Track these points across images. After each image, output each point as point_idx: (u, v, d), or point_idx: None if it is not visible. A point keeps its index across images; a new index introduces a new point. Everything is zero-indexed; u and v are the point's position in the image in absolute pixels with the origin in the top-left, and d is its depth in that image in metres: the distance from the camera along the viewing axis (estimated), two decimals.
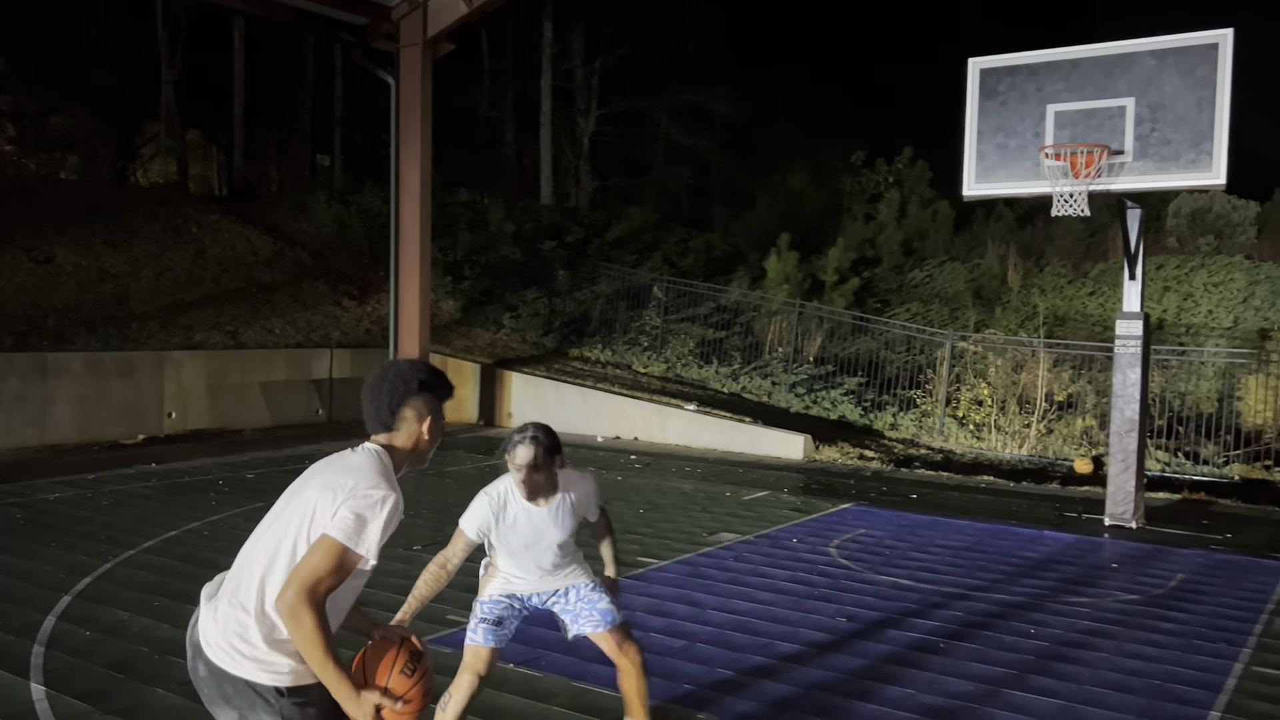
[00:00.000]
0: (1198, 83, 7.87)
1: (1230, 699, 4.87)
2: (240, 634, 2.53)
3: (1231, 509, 10.09)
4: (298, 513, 2.59)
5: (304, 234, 19.81)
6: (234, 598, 2.57)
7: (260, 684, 2.51)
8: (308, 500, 2.59)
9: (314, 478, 2.68)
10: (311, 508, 2.56)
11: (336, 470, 2.64)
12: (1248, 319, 14.52)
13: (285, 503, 2.71)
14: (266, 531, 2.66)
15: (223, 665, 2.53)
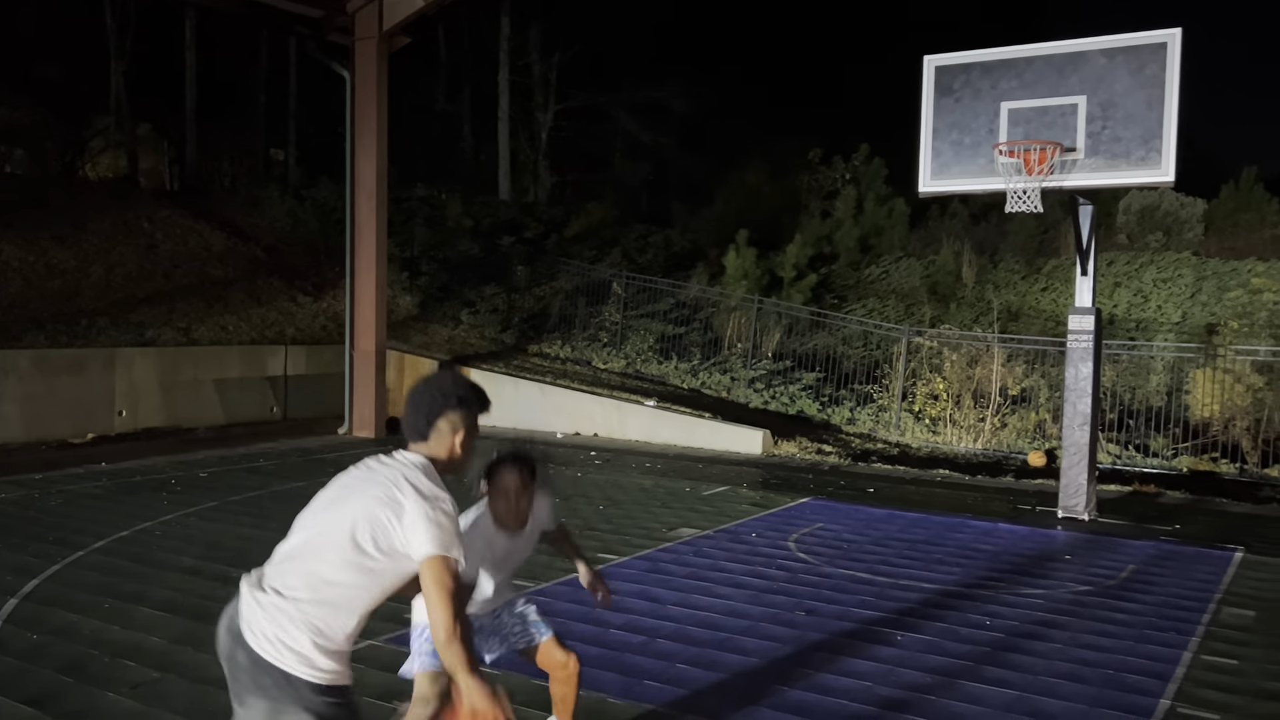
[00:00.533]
0: (1147, 81, 8.01)
1: (1180, 687, 4.97)
2: (286, 629, 2.56)
3: (1180, 500, 10.30)
4: (353, 519, 2.63)
5: (258, 229, 19.54)
6: (283, 594, 2.60)
7: (300, 678, 2.54)
8: (367, 511, 2.63)
9: (367, 488, 2.70)
10: (376, 519, 2.61)
11: (394, 483, 2.67)
12: (1195, 314, 14.82)
13: (331, 505, 2.73)
14: (312, 530, 2.70)
15: (266, 656, 2.55)
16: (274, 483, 10.03)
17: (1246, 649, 5.58)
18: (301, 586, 2.60)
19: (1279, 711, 4.68)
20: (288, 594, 2.60)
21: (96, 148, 22.54)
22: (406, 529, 2.59)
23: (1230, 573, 7.32)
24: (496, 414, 13.32)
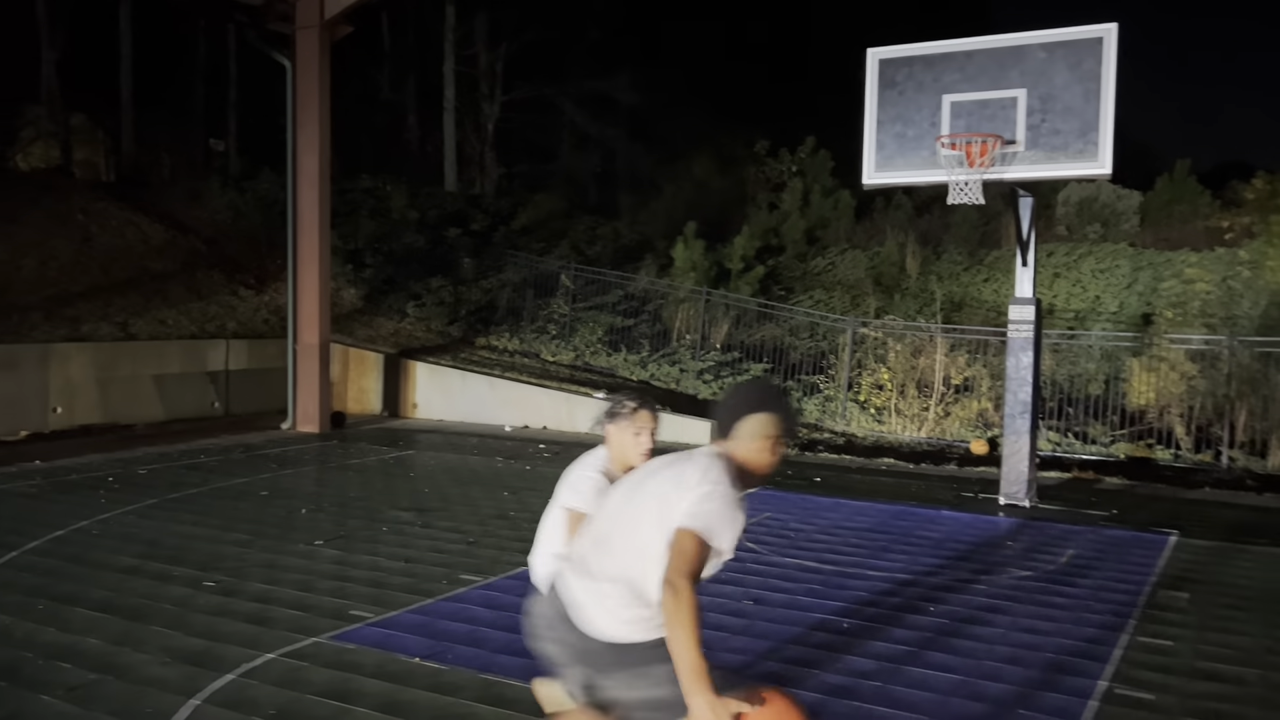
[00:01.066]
0: (1085, 75, 8.16)
1: (1117, 669, 5.08)
2: (625, 607, 2.87)
3: (1118, 486, 10.54)
4: (653, 497, 2.89)
5: (198, 221, 19.15)
6: (615, 576, 2.88)
7: (642, 642, 2.87)
8: (659, 489, 2.89)
9: (664, 469, 2.97)
10: (663, 497, 2.85)
11: (682, 464, 2.93)
12: (1132, 304, 15.15)
13: (634, 489, 3.01)
14: (624, 512, 2.97)
15: (613, 637, 2.88)
16: (215, 479, 9.85)
17: (1180, 630, 5.73)
18: (619, 567, 2.88)
19: (1212, 691, 4.81)
20: (624, 577, 2.87)
21: (28, 137, 21.89)
22: (678, 501, 2.80)
23: (1165, 556, 7.50)
24: (443, 408, 13.23)
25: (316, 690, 4.59)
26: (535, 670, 4.83)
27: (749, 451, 2.94)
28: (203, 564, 6.72)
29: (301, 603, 5.92)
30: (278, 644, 5.18)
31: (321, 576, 6.48)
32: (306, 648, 5.15)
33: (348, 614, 5.72)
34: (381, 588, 6.26)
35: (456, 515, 8.44)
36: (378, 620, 5.61)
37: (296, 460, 11.24)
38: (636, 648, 2.87)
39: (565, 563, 3.08)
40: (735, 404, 2.99)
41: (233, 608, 5.80)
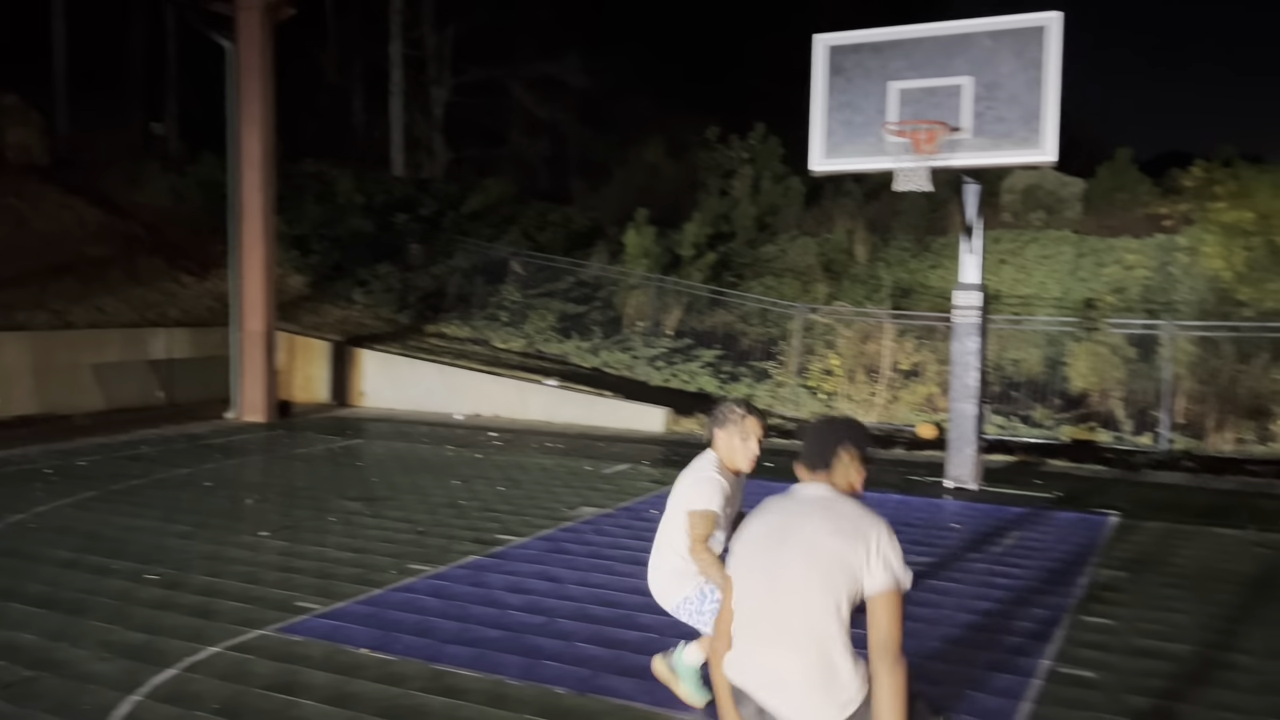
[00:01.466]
0: (1029, 63, 8.25)
1: (1060, 647, 5.18)
2: (826, 688, 2.82)
3: (1061, 468, 10.73)
4: (826, 562, 2.81)
5: (137, 206, 18.69)
6: (810, 662, 2.81)
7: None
8: (830, 553, 2.82)
9: (808, 523, 2.93)
10: (841, 560, 2.80)
11: (839, 519, 2.89)
12: (1075, 289, 15.41)
13: (788, 542, 2.95)
14: (786, 585, 2.89)
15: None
16: (157, 470, 9.65)
17: (1121, 609, 5.85)
18: (810, 648, 2.83)
19: (1152, 668, 4.92)
20: (806, 664, 2.84)
21: None
22: (869, 562, 2.85)
23: (1106, 536, 7.66)
24: (393, 397, 13.07)
25: (262, 683, 4.52)
26: (485, 660, 4.81)
27: (849, 477, 3.06)
28: (144, 556, 6.58)
29: (247, 595, 5.82)
30: (222, 637, 5.10)
31: (267, 568, 6.38)
32: (252, 640, 5.07)
33: (294, 605, 5.64)
34: (329, 578, 6.18)
35: (406, 504, 8.36)
36: (325, 611, 5.53)
37: (242, 450, 11.05)
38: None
39: (740, 666, 2.94)
40: (826, 438, 3.09)
41: (175, 601, 5.69)
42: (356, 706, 4.29)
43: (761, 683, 2.86)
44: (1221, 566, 6.87)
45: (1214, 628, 5.55)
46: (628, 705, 4.34)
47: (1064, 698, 4.52)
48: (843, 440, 3.05)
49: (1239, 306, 13.57)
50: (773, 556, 2.90)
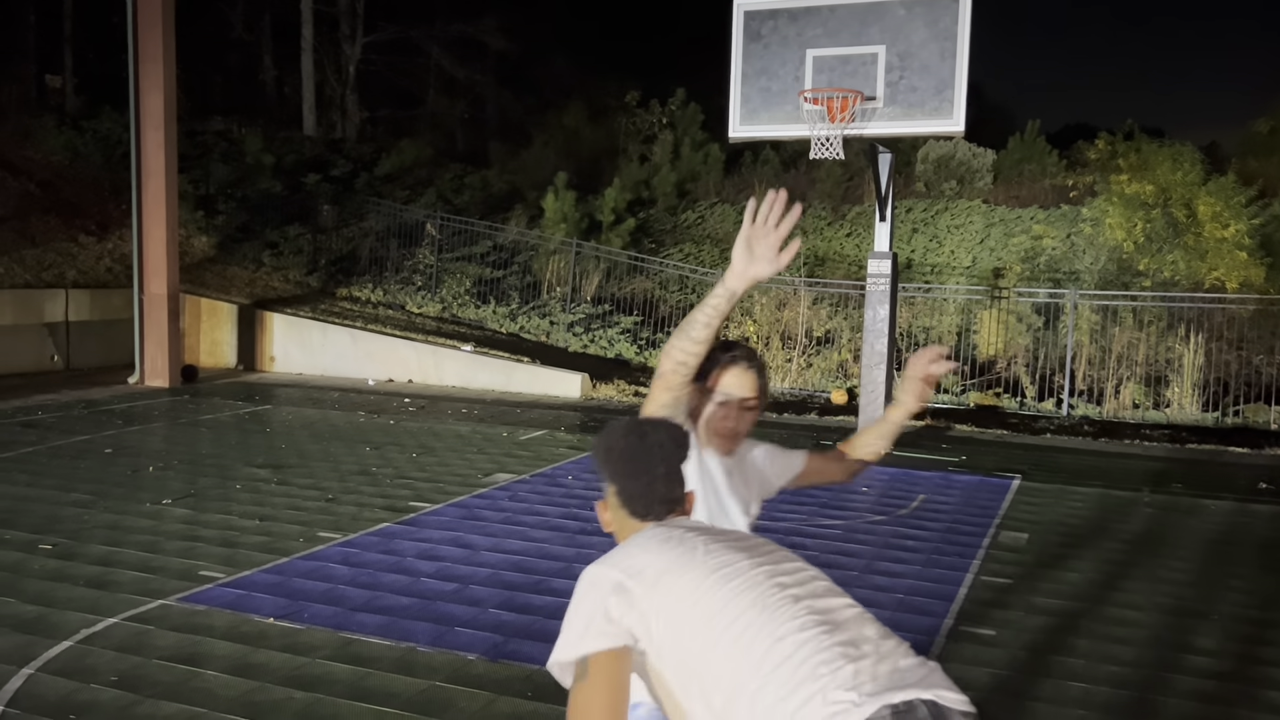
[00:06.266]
0: (941, 34, 8.36)
1: (962, 606, 5.34)
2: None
3: (967, 433, 11.03)
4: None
5: (31, 163, 17.84)
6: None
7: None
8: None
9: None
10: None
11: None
12: (984, 258, 15.79)
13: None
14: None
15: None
16: (54, 437, 9.30)
17: (1020, 569, 6.05)
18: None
19: (1048, 625, 5.11)
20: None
21: None
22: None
23: (1009, 499, 7.91)
24: (303, 362, 12.76)
25: (163, 654, 4.40)
26: (395, 627, 4.76)
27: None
28: (38, 527, 6.34)
29: (147, 564, 5.66)
30: (120, 608, 4.95)
31: (169, 537, 6.21)
32: (152, 611, 4.94)
33: (197, 575, 5.50)
34: (234, 547, 6.03)
35: (315, 472, 8.21)
36: (229, 580, 5.41)
37: (144, 416, 10.71)
38: None
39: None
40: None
41: (71, 571, 5.50)
42: (260, 676, 4.21)
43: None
44: (1115, 526, 7.15)
45: (1107, 585, 5.78)
46: (540, 670, 4.34)
47: (965, 655, 4.66)
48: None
49: (1138, 277, 14.06)
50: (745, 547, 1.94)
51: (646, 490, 2.02)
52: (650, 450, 2.03)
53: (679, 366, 2.23)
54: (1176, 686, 4.38)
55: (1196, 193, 14.17)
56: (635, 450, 2.03)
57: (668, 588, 1.76)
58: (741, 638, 1.68)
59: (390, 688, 4.13)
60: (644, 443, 2.04)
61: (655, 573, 1.78)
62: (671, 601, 1.74)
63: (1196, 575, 6.03)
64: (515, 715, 3.93)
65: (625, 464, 2.04)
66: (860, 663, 1.65)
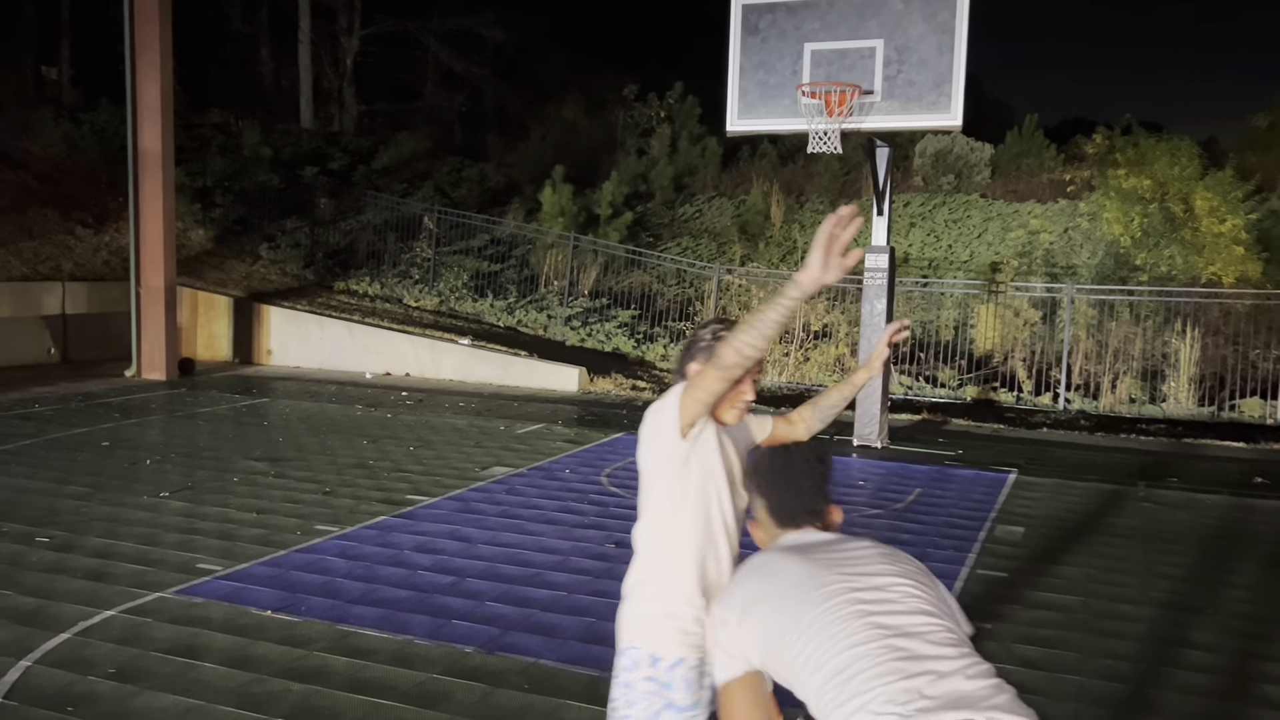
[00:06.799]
0: (939, 27, 8.35)
1: (958, 600, 5.34)
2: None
3: (964, 427, 11.05)
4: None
5: (29, 155, 17.80)
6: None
7: None
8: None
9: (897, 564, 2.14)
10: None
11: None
12: (981, 253, 15.80)
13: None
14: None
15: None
16: (52, 429, 9.30)
17: (1016, 562, 6.07)
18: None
19: (1043, 618, 5.12)
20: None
21: None
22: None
23: (1005, 493, 7.92)
24: (300, 355, 12.73)
25: (160, 647, 4.41)
26: (392, 620, 4.78)
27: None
28: (36, 519, 6.35)
29: (145, 557, 5.66)
30: (118, 600, 4.95)
31: (167, 529, 6.22)
32: (150, 603, 4.94)
33: (195, 567, 5.50)
34: (231, 540, 6.04)
35: (312, 465, 8.21)
36: (227, 573, 5.42)
37: (141, 409, 10.71)
38: None
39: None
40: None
41: (69, 564, 5.50)
42: (258, 669, 4.22)
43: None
44: (1111, 520, 7.17)
45: (1102, 579, 5.79)
46: (536, 663, 4.36)
47: None
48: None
49: (1135, 271, 14.07)
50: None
51: (791, 502, 2.26)
52: (794, 465, 2.30)
53: (745, 361, 2.27)
54: (1171, 680, 4.40)
55: (1194, 187, 14.18)
56: (780, 466, 2.31)
57: (753, 618, 2.01)
58: (806, 650, 1.87)
59: (387, 680, 4.14)
60: (789, 459, 2.32)
61: (742, 604, 2.05)
62: (757, 630, 2.00)
63: (1192, 570, 6.05)
64: (512, 707, 3.94)
65: (772, 479, 2.30)
66: (916, 680, 1.72)
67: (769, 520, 2.29)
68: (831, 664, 1.81)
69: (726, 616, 2.09)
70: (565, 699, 4.01)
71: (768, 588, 2.05)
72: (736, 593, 2.12)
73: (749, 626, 2.02)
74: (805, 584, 2.00)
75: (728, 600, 2.13)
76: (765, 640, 1.98)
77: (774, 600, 2.01)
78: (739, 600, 2.09)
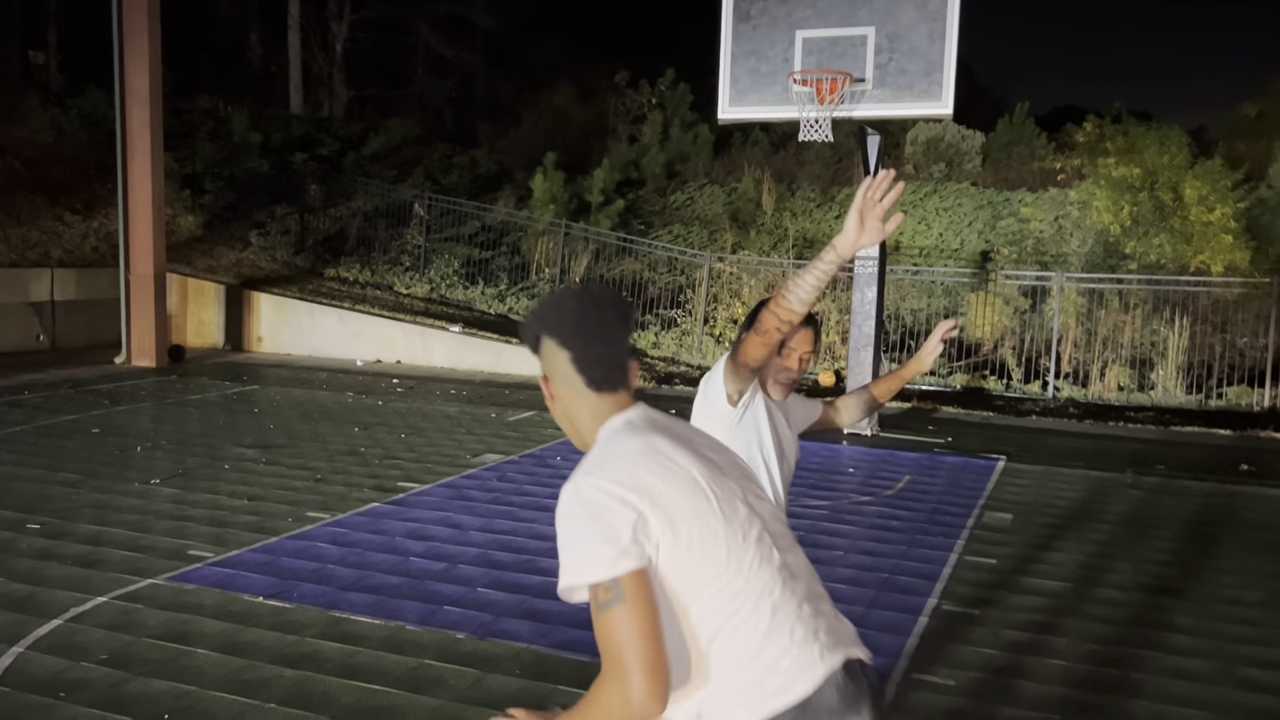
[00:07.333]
0: (930, 15, 8.35)
1: (946, 585, 5.39)
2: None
3: (953, 415, 11.10)
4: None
5: (15, 141, 17.68)
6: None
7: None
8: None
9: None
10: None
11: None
12: (972, 241, 15.83)
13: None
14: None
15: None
16: (41, 416, 9.27)
17: (1004, 549, 6.11)
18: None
19: (1031, 604, 5.17)
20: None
21: None
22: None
23: (993, 480, 7.97)
24: (291, 342, 12.75)
25: (152, 633, 4.42)
26: (384, 606, 4.79)
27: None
28: (26, 506, 6.34)
29: (136, 544, 5.67)
30: (110, 587, 4.96)
31: (158, 516, 6.22)
32: (141, 590, 4.95)
33: (186, 554, 5.51)
34: (223, 526, 6.05)
35: (304, 452, 8.21)
36: (218, 560, 5.43)
37: (131, 396, 10.68)
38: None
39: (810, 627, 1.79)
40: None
41: (60, 550, 5.50)
42: (251, 654, 4.23)
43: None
44: (1099, 507, 7.22)
45: (1089, 564, 5.84)
46: (528, 648, 4.38)
47: (948, 634, 4.72)
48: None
49: (1125, 260, 14.12)
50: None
51: (608, 356, 1.84)
52: (606, 314, 1.86)
53: (784, 325, 2.37)
54: (1157, 664, 4.44)
55: (1183, 176, 14.22)
56: (591, 314, 1.85)
57: (677, 527, 1.68)
58: (728, 589, 1.70)
59: (380, 665, 4.16)
60: (600, 307, 1.87)
61: (665, 505, 1.68)
62: (679, 540, 1.68)
63: (1177, 555, 6.11)
64: (504, 693, 3.97)
65: (583, 328, 1.84)
66: (819, 620, 1.79)
67: (577, 378, 1.84)
68: (759, 607, 1.71)
69: (641, 506, 1.66)
70: (556, 684, 4.03)
71: (675, 489, 1.70)
72: (649, 479, 1.69)
73: (669, 534, 1.66)
74: (716, 498, 1.74)
75: (639, 484, 1.68)
76: (689, 560, 1.68)
77: (690, 507, 1.70)
78: (659, 495, 1.68)
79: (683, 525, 1.68)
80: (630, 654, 1.57)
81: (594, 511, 1.65)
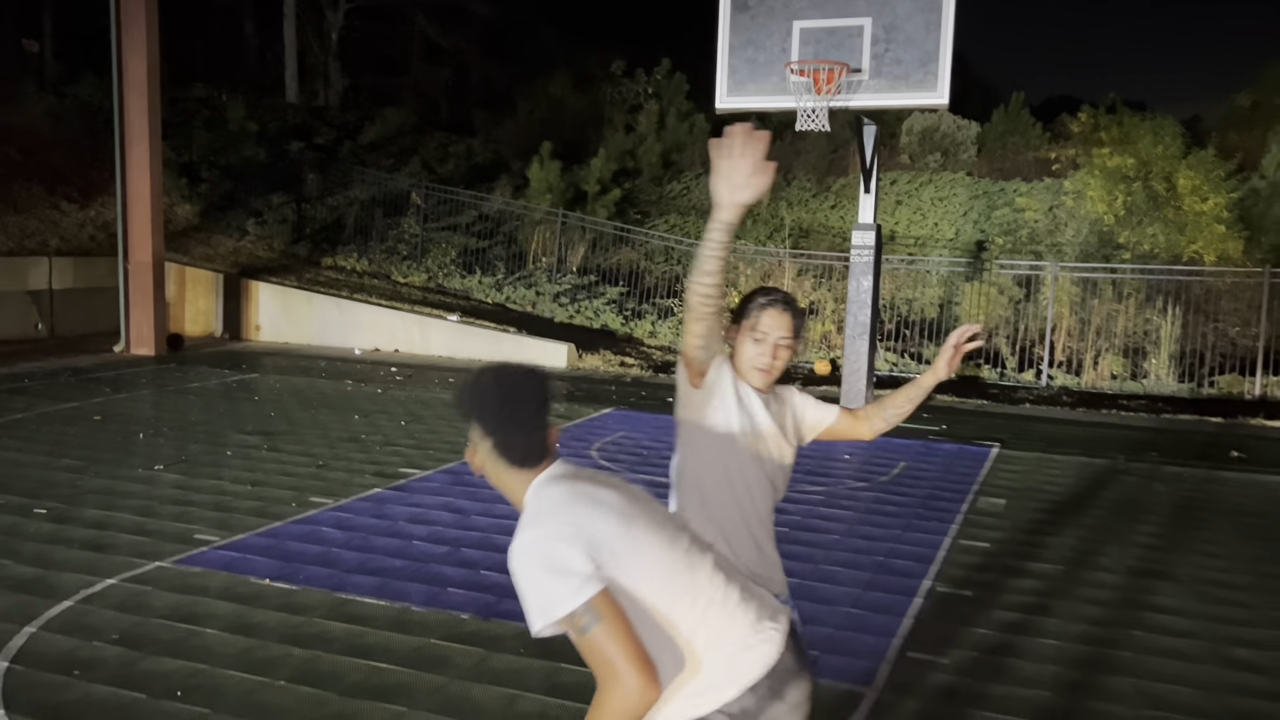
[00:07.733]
0: (926, 6, 8.42)
1: (940, 569, 5.49)
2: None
3: (948, 403, 11.19)
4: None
5: (11, 129, 17.66)
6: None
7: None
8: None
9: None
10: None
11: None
12: (967, 231, 15.91)
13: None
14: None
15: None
16: (42, 404, 9.33)
17: (997, 533, 6.21)
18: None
19: (1024, 586, 5.27)
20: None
21: None
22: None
23: (987, 466, 8.07)
24: (289, 331, 12.79)
25: (161, 614, 4.50)
26: (388, 588, 4.88)
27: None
28: (31, 491, 6.41)
29: (142, 528, 5.74)
30: (118, 569, 5.03)
31: (162, 501, 6.29)
32: (149, 572, 5.03)
33: (192, 538, 5.58)
34: (227, 511, 6.12)
35: (305, 439, 8.28)
36: (224, 543, 5.50)
37: (131, 383, 10.74)
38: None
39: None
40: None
41: (67, 534, 5.58)
42: (259, 634, 4.31)
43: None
44: (1091, 493, 7.33)
45: (1081, 548, 5.94)
46: None
47: (943, 614, 4.82)
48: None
49: (1118, 249, 14.22)
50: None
51: (525, 440, 2.01)
52: (520, 402, 2.02)
53: (704, 300, 2.43)
54: (1146, 644, 4.54)
55: (1177, 166, 14.32)
56: (507, 405, 2.01)
57: (617, 549, 1.90)
58: (685, 593, 1.96)
59: (387, 645, 4.25)
60: (514, 399, 2.02)
61: (603, 535, 1.90)
62: (623, 560, 1.90)
63: (1168, 539, 6.21)
64: (509, 670, 4.05)
65: (501, 419, 2.01)
66: (755, 599, 2.08)
67: (499, 460, 2.03)
68: (709, 602, 1.98)
69: (566, 534, 1.87)
70: (560, 662, 4.12)
71: (605, 520, 1.91)
72: (564, 515, 1.91)
73: (613, 557, 1.87)
74: (644, 518, 1.98)
75: (556, 521, 1.89)
76: (639, 575, 1.90)
77: (624, 530, 1.92)
78: (578, 524, 1.89)
79: (622, 546, 1.91)
80: (620, 660, 1.81)
81: (544, 557, 1.86)
